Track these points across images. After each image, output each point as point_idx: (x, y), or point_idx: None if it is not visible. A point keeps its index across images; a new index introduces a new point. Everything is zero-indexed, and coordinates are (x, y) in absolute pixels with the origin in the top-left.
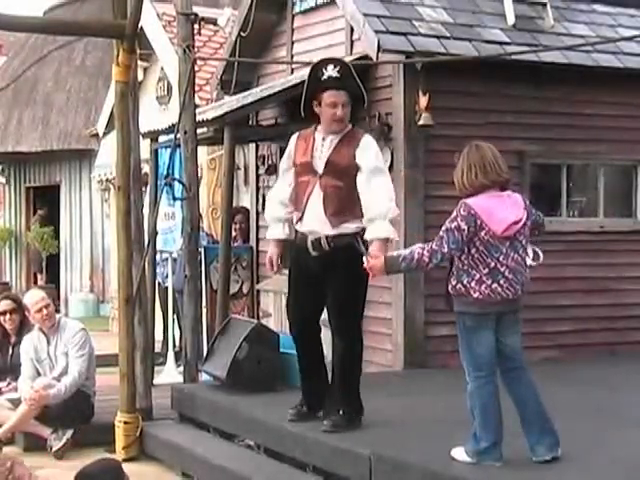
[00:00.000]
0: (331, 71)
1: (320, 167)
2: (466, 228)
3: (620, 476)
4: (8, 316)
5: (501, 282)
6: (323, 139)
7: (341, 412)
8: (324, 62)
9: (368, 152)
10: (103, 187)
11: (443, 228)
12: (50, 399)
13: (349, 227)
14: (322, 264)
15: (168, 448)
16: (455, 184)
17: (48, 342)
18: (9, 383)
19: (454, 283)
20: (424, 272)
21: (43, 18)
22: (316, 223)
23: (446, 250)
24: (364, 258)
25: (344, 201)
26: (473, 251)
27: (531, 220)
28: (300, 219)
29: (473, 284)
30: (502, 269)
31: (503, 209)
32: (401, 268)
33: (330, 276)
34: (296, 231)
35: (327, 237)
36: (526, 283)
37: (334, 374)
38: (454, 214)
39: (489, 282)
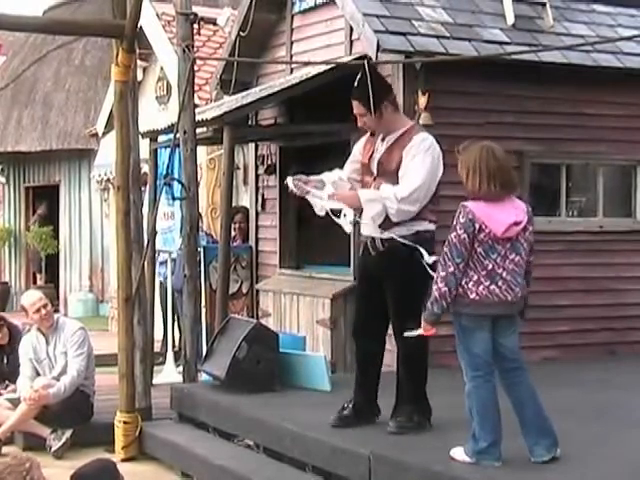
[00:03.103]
0: (356, 80)
1: (375, 169)
2: (466, 236)
3: (620, 476)
4: None
5: (499, 284)
6: (382, 140)
7: (408, 413)
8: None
9: (410, 154)
10: (102, 187)
11: (446, 243)
12: (50, 399)
13: (401, 229)
14: (379, 264)
15: (167, 448)
16: (466, 184)
17: (47, 342)
18: (7, 386)
19: None
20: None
21: (42, 18)
22: (370, 225)
23: (453, 269)
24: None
25: None
26: (472, 253)
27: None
28: (359, 221)
29: (470, 285)
30: (499, 271)
31: (503, 211)
32: (437, 313)
33: (387, 277)
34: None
35: (381, 239)
36: (524, 287)
37: (399, 376)
38: (454, 222)
39: (487, 283)
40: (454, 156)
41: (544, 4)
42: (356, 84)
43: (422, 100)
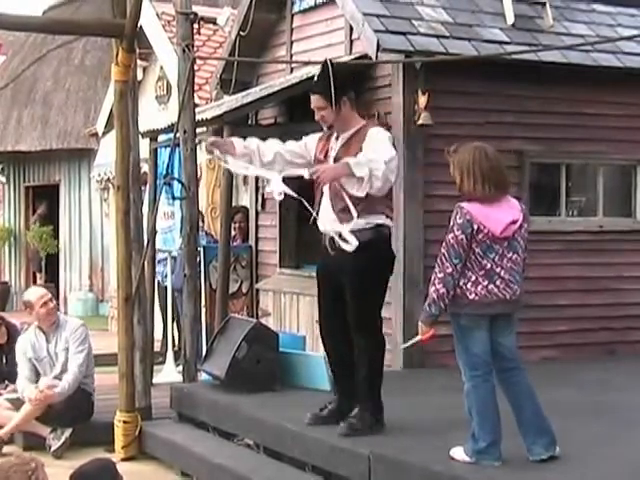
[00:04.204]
0: (316, 75)
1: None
2: (464, 237)
3: (620, 476)
4: None
5: (497, 283)
6: (336, 138)
7: (360, 414)
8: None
9: (371, 143)
10: (102, 186)
11: (443, 244)
12: (56, 397)
13: (359, 222)
14: (338, 262)
15: (167, 447)
16: (461, 186)
17: (47, 340)
18: (7, 386)
19: None
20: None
21: (42, 17)
22: (327, 222)
23: (451, 270)
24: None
25: (352, 198)
26: (469, 253)
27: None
28: (316, 218)
29: (469, 285)
30: (497, 270)
31: (499, 210)
32: (434, 314)
33: (345, 274)
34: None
35: (340, 236)
36: (522, 285)
37: (356, 374)
38: (451, 223)
39: (485, 283)
40: (445, 152)
41: (544, 4)
42: (316, 79)
43: (422, 100)
